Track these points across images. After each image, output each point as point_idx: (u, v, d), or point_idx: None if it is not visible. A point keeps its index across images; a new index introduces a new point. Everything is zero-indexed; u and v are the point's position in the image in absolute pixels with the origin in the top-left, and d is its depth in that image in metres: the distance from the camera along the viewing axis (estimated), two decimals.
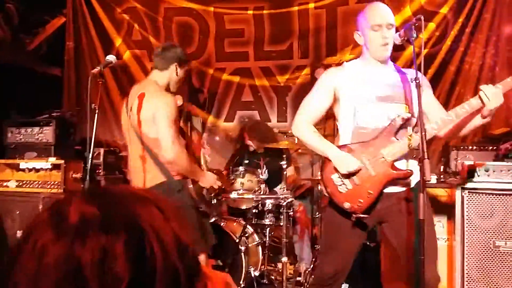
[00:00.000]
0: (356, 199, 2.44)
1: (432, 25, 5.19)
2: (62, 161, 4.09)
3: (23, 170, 4.18)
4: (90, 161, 2.69)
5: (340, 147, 2.52)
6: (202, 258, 2.83)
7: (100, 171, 4.55)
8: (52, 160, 4.16)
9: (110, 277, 0.56)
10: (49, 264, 0.56)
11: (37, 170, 4.14)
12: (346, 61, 2.69)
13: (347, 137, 2.55)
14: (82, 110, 5.76)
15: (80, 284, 0.55)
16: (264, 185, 4.06)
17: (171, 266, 0.59)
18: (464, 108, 2.41)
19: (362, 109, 2.49)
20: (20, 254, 0.59)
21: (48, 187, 4.06)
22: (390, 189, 2.47)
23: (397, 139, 2.44)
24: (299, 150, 4.62)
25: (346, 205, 2.45)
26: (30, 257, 0.58)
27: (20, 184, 4.16)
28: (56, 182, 4.05)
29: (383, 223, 2.55)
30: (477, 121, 2.48)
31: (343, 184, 2.47)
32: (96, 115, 2.76)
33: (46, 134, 4.39)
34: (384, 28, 2.44)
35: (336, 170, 2.48)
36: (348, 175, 2.46)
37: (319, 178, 2.63)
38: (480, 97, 2.35)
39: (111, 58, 3.00)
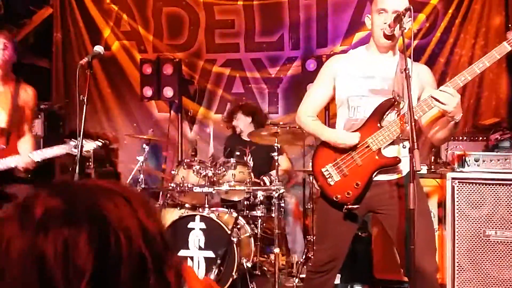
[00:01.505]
0: (345, 191, 2.46)
1: (422, 16, 5.20)
2: None
3: None
4: (79, 154, 2.67)
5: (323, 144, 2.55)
6: None
7: (90, 163, 4.51)
8: None
9: (73, 269, 0.57)
10: (13, 258, 0.58)
11: None
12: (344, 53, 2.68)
13: (339, 128, 2.58)
14: (71, 102, 5.71)
15: (44, 277, 0.57)
16: (250, 171, 4.04)
17: (137, 254, 0.61)
18: (464, 76, 2.32)
19: (355, 101, 2.50)
20: None
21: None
22: (380, 177, 2.47)
23: (382, 127, 2.44)
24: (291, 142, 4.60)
25: (336, 197, 2.47)
26: None
27: None
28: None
29: (376, 213, 2.56)
30: (448, 123, 2.35)
31: (331, 176, 2.48)
32: (85, 106, 2.73)
33: (35, 126, 4.33)
34: (389, 14, 2.40)
35: (326, 163, 2.50)
36: (336, 166, 2.47)
37: (311, 170, 2.63)
38: (431, 98, 2.27)
39: (99, 48, 2.97)
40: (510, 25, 2.41)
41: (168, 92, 5.43)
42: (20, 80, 3.25)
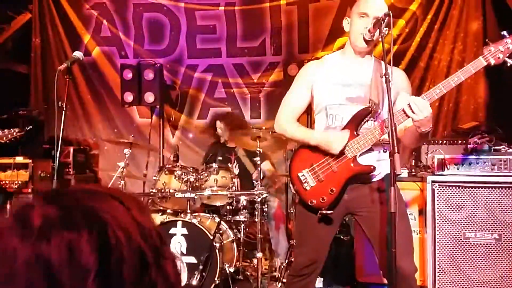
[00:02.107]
0: (320, 196, 2.47)
1: (402, 22, 5.28)
2: (29, 160, 3.98)
3: None
4: (57, 160, 2.63)
5: (302, 149, 2.54)
6: None
7: (70, 170, 4.44)
8: (20, 159, 4.04)
9: (79, 269, 0.60)
10: (20, 267, 0.60)
11: (4, 170, 4.01)
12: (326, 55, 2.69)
13: None
14: (49, 108, 5.62)
15: (52, 280, 0.59)
16: (237, 179, 4.04)
17: (136, 249, 0.64)
18: (439, 89, 2.34)
19: (333, 109, 2.51)
20: None
21: (15, 186, 3.94)
22: (354, 185, 2.49)
23: (358, 134, 2.45)
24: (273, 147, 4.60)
25: (311, 201, 2.48)
26: (1, 266, 0.61)
27: None
28: (24, 182, 3.94)
29: (355, 214, 2.57)
30: (413, 129, 2.36)
31: (307, 181, 2.49)
32: (64, 112, 2.70)
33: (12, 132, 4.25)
34: (370, 19, 2.42)
35: (302, 168, 2.51)
36: (313, 172, 2.48)
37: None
38: (403, 110, 2.29)
39: (78, 54, 2.94)
40: (487, 40, 2.42)
41: (150, 97, 5.39)
42: None
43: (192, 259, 3.53)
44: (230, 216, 4.01)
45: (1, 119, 4.35)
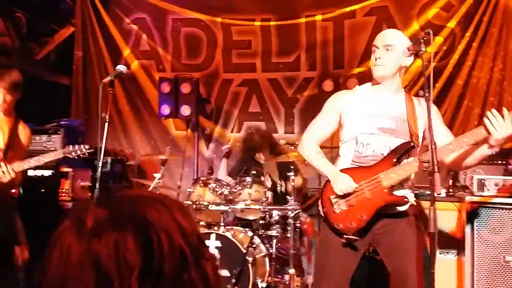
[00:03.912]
0: (349, 221, 2.45)
1: (439, 39, 5.20)
2: (70, 169, 4.10)
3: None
4: (100, 170, 2.71)
5: (342, 170, 2.54)
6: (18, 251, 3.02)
7: (108, 180, 4.55)
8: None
9: (125, 265, 0.67)
10: (74, 262, 0.68)
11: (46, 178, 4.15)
12: (361, 75, 2.73)
13: (347, 161, 2.57)
14: (90, 119, 5.80)
15: (102, 274, 0.67)
16: (270, 192, 4.04)
17: (177, 250, 0.70)
18: (467, 138, 2.33)
19: (364, 138, 2.51)
20: (50, 261, 0.71)
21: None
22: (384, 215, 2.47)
23: (396, 164, 2.44)
24: (306, 162, 4.60)
25: (338, 225, 2.47)
26: (59, 260, 0.70)
27: None
28: (64, 190, 4.06)
29: (378, 246, 2.54)
30: (484, 150, 2.34)
31: (338, 205, 2.48)
32: (106, 124, 2.78)
33: (54, 142, 4.41)
34: (380, 49, 2.49)
35: (334, 191, 2.50)
36: (344, 196, 2.47)
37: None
38: (485, 126, 2.25)
39: (121, 68, 3.03)
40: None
41: (186, 110, 5.49)
42: (20, 119, 3.30)
43: (225, 273, 3.55)
44: (262, 231, 4.01)
45: (44, 129, 4.50)
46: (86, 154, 3.05)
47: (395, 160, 2.44)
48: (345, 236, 2.44)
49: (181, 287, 0.70)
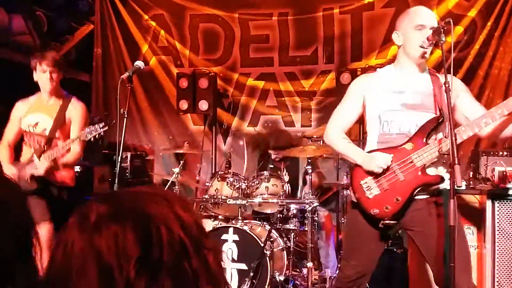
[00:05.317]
0: (383, 205, 2.41)
1: (459, 29, 5.10)
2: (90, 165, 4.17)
3: None
4: (119, 165, 2.74)
5: (369, 152, 2.50)
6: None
7: (127, 174, 4.61)
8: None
9: (124, 255, 0.71)
10: (77, 254, 0.73)
11: None
12: (379, 67, 2.68)
13: (373, 144, 2.55)
14: (109, 115, 5.88)
15: (103, 266, 0.71)
16: (288, 185, 4.05)
17: (177, 241, 0.74)
18: (500, 109, 2.31)
19: (388, 116, 2.48)
20: (55, 255, 0.76)
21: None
22: (419, 196, 2.43)
23: (427, 143, 2.40)
24: (324, 155, 4.59)
25: (374, 211, 2.43)
26: (63, 254, 0.74)
27: None
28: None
29: (410, 230, 2.50)
30: None
31: (371, 189, 2.45)
32: (125, 119, 2.82)
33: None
34: (427, 30, 2.40)
35: (365, 175, 2.46)
36: (376, 177, 2.43)
37: (347, 184, 2.62)
38: None
39: (139, 63, 3.06)
40: None
41: (203, 105, 5.52)
42: (71, 96, 3.38)
43: (243, 266, 3.57)
44: (280, 224, 4.02)
45: None
46: (102, 132, 3.07)
47: (424, 139, 2.40)
48: (381, 221, 2.41)
49: (183, 275, 0.73)
